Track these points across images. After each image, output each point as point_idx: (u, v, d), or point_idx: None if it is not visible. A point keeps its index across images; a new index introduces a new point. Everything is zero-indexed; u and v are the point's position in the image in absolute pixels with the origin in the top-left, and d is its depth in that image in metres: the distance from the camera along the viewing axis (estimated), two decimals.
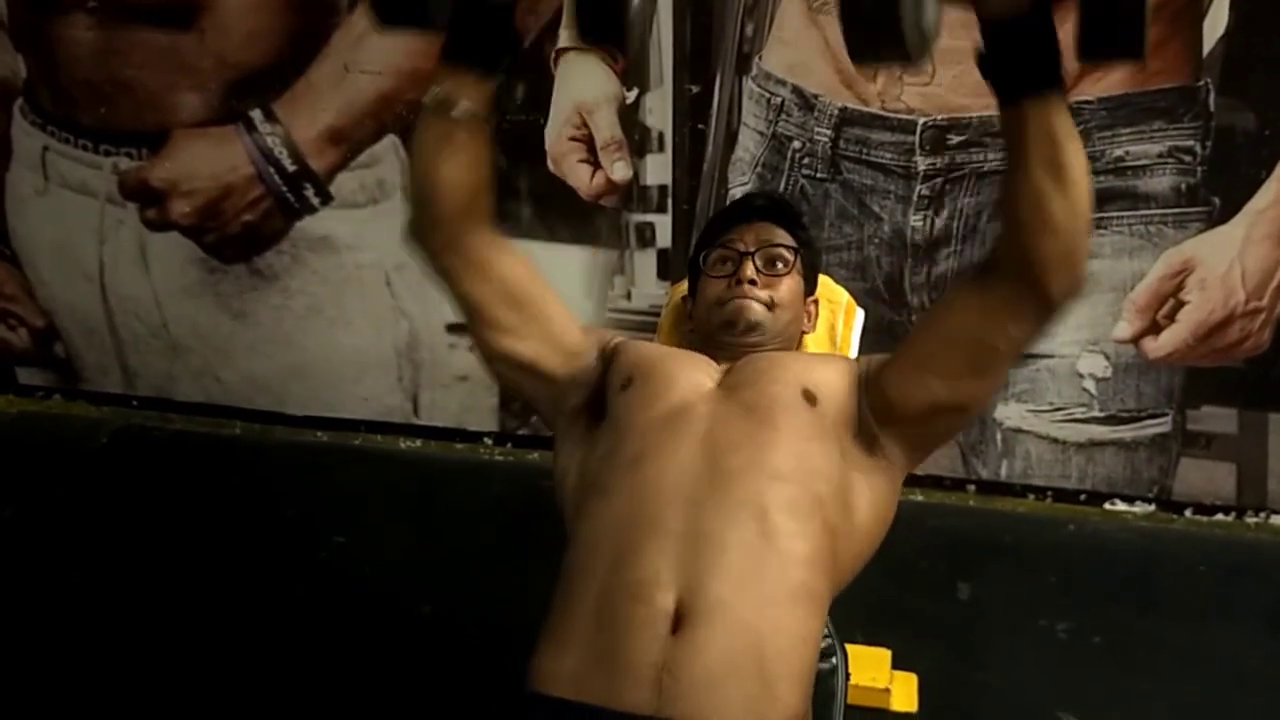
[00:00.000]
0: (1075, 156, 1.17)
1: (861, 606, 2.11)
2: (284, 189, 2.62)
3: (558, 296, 1.48)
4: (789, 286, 1.58)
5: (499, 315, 1.42)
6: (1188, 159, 2.24)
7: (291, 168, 2.60)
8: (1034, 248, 1.20)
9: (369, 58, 2.46)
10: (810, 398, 1.37)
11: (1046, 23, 1.11)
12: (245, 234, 2.70)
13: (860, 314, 1.90)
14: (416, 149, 1.37)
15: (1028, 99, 1.15)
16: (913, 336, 1.39)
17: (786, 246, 1.60)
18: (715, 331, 1.56)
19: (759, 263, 1.56)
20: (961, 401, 1.35)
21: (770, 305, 1.55)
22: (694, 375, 1.43)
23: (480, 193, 1.38)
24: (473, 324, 1.45)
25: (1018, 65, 1.14)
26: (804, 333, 1.68)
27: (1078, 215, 1.19)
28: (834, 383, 1.40)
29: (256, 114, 2.57)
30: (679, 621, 1.19)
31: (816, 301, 1.71)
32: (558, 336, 1.46)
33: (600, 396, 1.44)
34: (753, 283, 1.54)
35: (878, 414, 1.37)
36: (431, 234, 1.39)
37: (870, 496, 1.37)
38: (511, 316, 1.43)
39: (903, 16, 1.05)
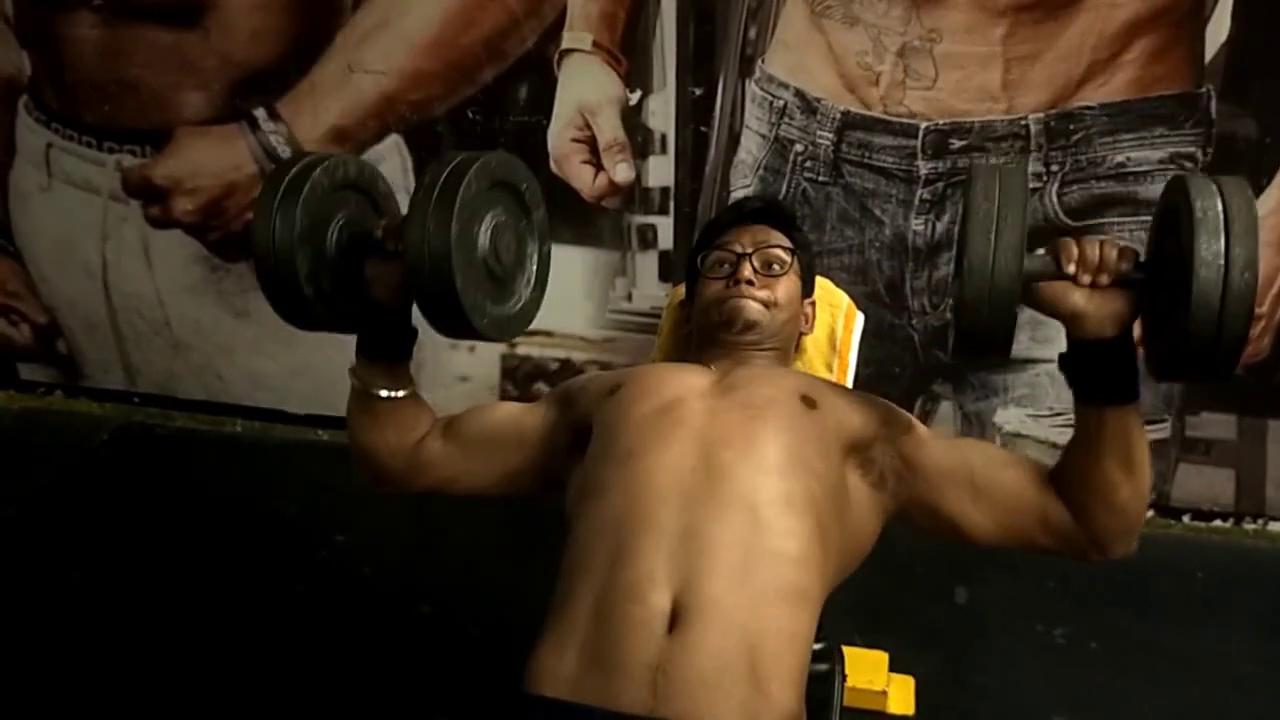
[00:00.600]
0: (1143, 451, 1.28)
1: (859, 609, 2.13)
2: None
3: (493, 412, 1.54)
4: (786, 287, 1.59)
5: (460, 480, 1.51)
6: (1189, 165, 2.24)
7: None
8: (1098, 520, 1.31)
9: (372, 58, 2.47)
10: (809, 402, 1.38)
11: (1129, 343, 1.23)
12: (248, 232, 2.69)
13: (860, 318, 1.90)
14: (349, 423, 1.49)
15: (1109, 407, 1.25)
16: (979, 461, 1.38)
17: (783, 248, 1.61)
18: (713, 331, 1.57)
19: (756, 264, 1.58)
20: (978, 536, 1.38)
21: (767, 305, 1.56)
22: (687, 377, 1.44)
23: (415, 441, 1.49)
24: (449, 494, 1.53)
25: (1101, 379, 1.25)
26: (802, 334, 1.69)
27: (1141, 499, 1.30)
28: (842, 403, 1.41)
29: (260, 113, 2.57)
30: (674, 621, 1.19)
31: (814, 303, 1.72)
32: (511, 443, 1.50)
33: (582, 431, 1.45)
34: (750, 283, 1.55)
35: (897, 472, 1.39)
36: (376, 482, 1.53)
37: (862, 509, 1.38)
38: (470, 468, 1.51)
39: (1012, 338, 1.19)
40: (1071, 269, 1.20)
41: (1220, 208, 1.12)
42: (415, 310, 1.38)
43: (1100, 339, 1.22)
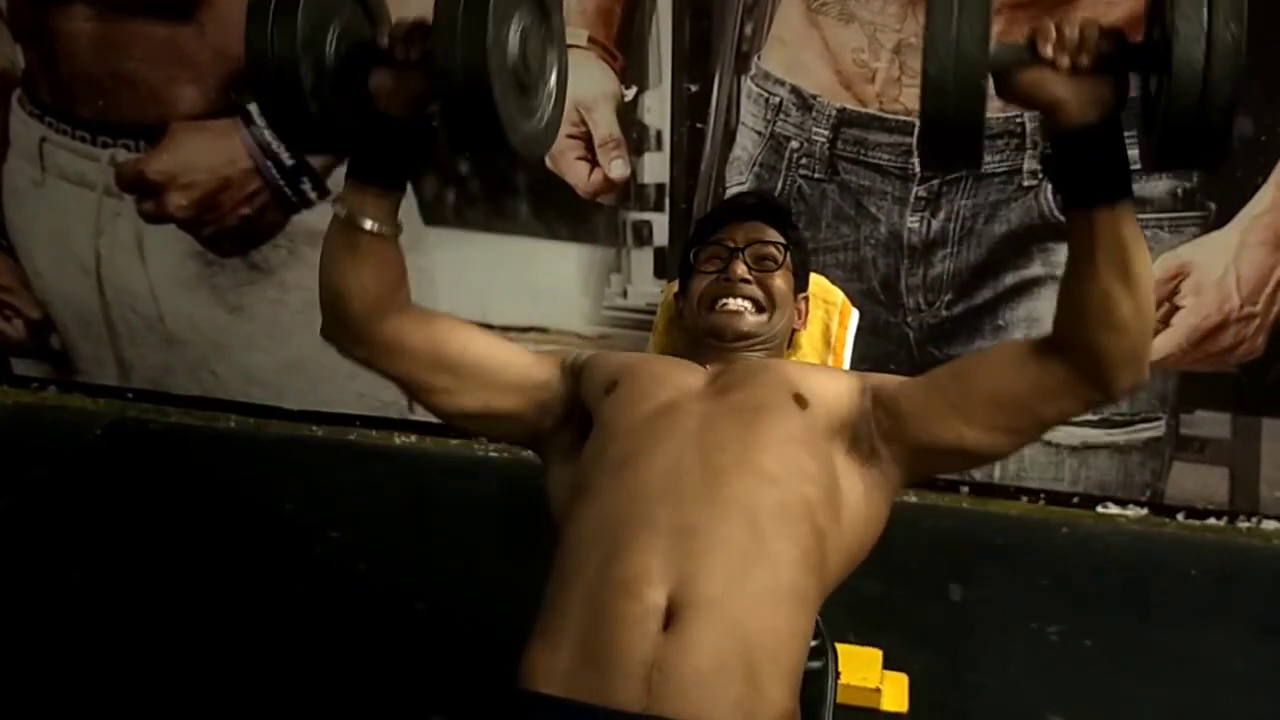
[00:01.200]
0: (1143, 259, 1.18)
1: (853, 607, 2.12)
2: (281, 183, 2.62)
3: (491, 339, 1.47)
4: (779, 284, 1.59)
5: (430, 382, 1.43)
6: None
7: (289, 162, 2.59)
8: (1100, 345, 1.21)
9: None
10: (801, 401, 1.38)
11: (1116, 132, 1.12)
12: (242, 227, 2.70)
13: (855, 315, 1.90)
14: (323, 256, 1.36)
15: (1098, 207, 1.16)
16: (952, 378, 1.36)
17: (776, 244, 1.61)
18: (704, 335, 1.56)
19: (749, 260, 1.58)
20: (987, 451, 1.35)
21: (760, 303, 1.55)
22: (682, 376, 1.44)
23: (389, 293, 1.38)
24: (412, 397, 1.46)
25: (1089, 175, 1.15)
26: (795, 330, 1.69)
27: (1145, 315, 1.20)
28: (829, 391, 1.40)
29: (254, 107, 2.56)
30: (669, 618, 1.19)
31: (807, 299, 1.71)
32: (500, 376, 1.45)
33: (580, 411, 1.44)
34: (744, 280, 1.55)
35: (885, 432, 1.37)
36: (339, 333, 1.40)
37: (861, 501, 1.37)
38: (444, 379, 1.43)
39: (981, 133, 1.08)
40: (1049, 52, 1.11)
41: None
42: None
43: (1085, 127, 1.13)
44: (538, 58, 1.28)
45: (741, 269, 1.56)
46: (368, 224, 1.31)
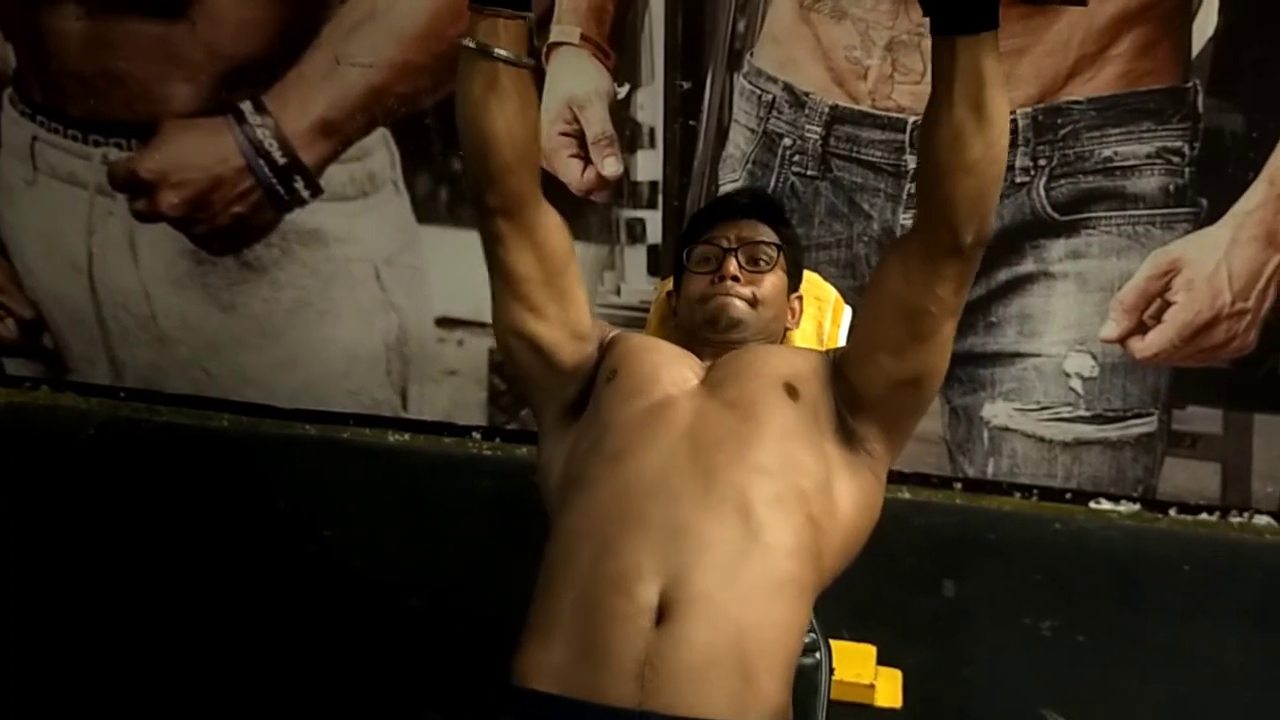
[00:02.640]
0: (998, 97, 1.17)
1: (847, 603, 2.12)
2: (274, 181, 2.61)
3: (581, 277, 1.47)
4: (772, 283, 1.59)
5: (532, 292, 1.41)
6: (1176, 160, 2.25)
7: (281, 160, 2.59)
8: (947, 187, 1.21)
9: (360, 50, 2.46)
10: (792, 392, 1.38)
11: None
12: (235, 226, 2.69)
13: (848, 312, 1.90)
14: (462, 99, 1.31)
15: (961, 36, 1.15)
16: (856, 321, 1.40)
17: (769, 243, 1.61)
18: (698, 328, 1.56)
19: (742, 259, 1.57)
20: (914, 372, 1.35)
21: (753, 301, 1.55)
22: (678, 371, 1.44)
23: (533, 141, 1.35)
24: (505, 295, 1.43)
25: (954, 1, 1.15)
26: (788, 329, 1.69)
27: (993, 156, 1.20)
28: (811, 377, 1.41)
29: (247, 106, 2.56)
30: (661, 614, 1.19)
31: (800, 298, 1.71)
32: (574, 323, 1.46)
33: (589, 388, 1.44)
34: (735, 279, 1.55)
35: (848, 403, 1.39)
36: (490, 190, 1.35)
37: (854, 492, 1.38)
38: (542, 295, 1.42)
39: None
40: None
41: None
42: None
43: None
44: None
45: (734, 268, 1.56)
46: (500, 52, 1.27)
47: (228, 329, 2.82)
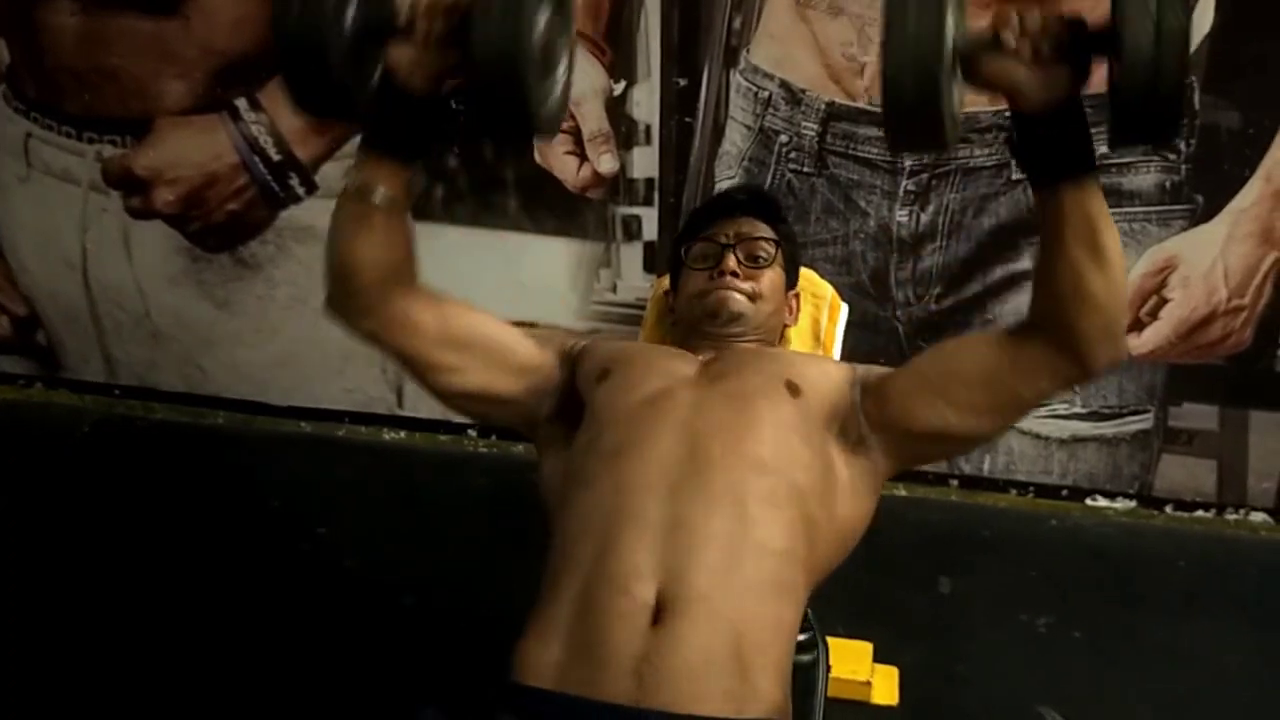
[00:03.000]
0: (1111, 236, 1.21)
1: (843, 600, 2.12)
2: (268, 178, 2.60)
3: (497, 323, 1.47)
4: (770, 279, 1.59)
5: (435, 359, 1.42)
6: (1172, 157, 2.25)
7: (276, 157, 2.58)
8: (1075, 323, 1.24)
9: None
10: (793, 389, 1.38)
11: (1077, 112, 1.16)
12: (229, 223, 2.69)
13: (845, 309, 1.90)
14: (332, 228, 1.36)
15: (1064, 185, 1.19)
16: (932, 362, 1.39)
17: (767, 240, 1.61)
18: (697, 323, 1.56)
19: (740, 256, 1.57)
20: (971, 434, 1.37)
21: (752, 297, 1.55)
22: (674, 365, 1.44)
23: (399, 267, 1.37)
24: (414, 374, 1.44)
25: (1053, 154, 1.19)
26: (786, 326, 1.69)
27: (1116, 291, 1.23)
28: (820, 379, 1.41)
29: (241, 102, 2.55)
30: (659, 613, 1.19)
31: (798, 295, 1.71)
32: (503, 359, 1.45)
33: (573, 399, 1.44)
34: (734, 275, 1.55)
35: (872, 420, 1.38)
36: (346, 306, 1.39)
37: (851, 490, 1.38)
38: (449, 358, 1.42)
39: (944, 113, 1.12)
40: (1011, 39, 1.15)
41: None
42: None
43: (1046, 110, 1.16)
44: (554, 43, 1.29)
45: (733, 264, 1.56)
46: (379, 196, 1.30)
47: (222, 326, 2.81)
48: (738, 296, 1.54)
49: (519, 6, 1.16)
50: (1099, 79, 1.18)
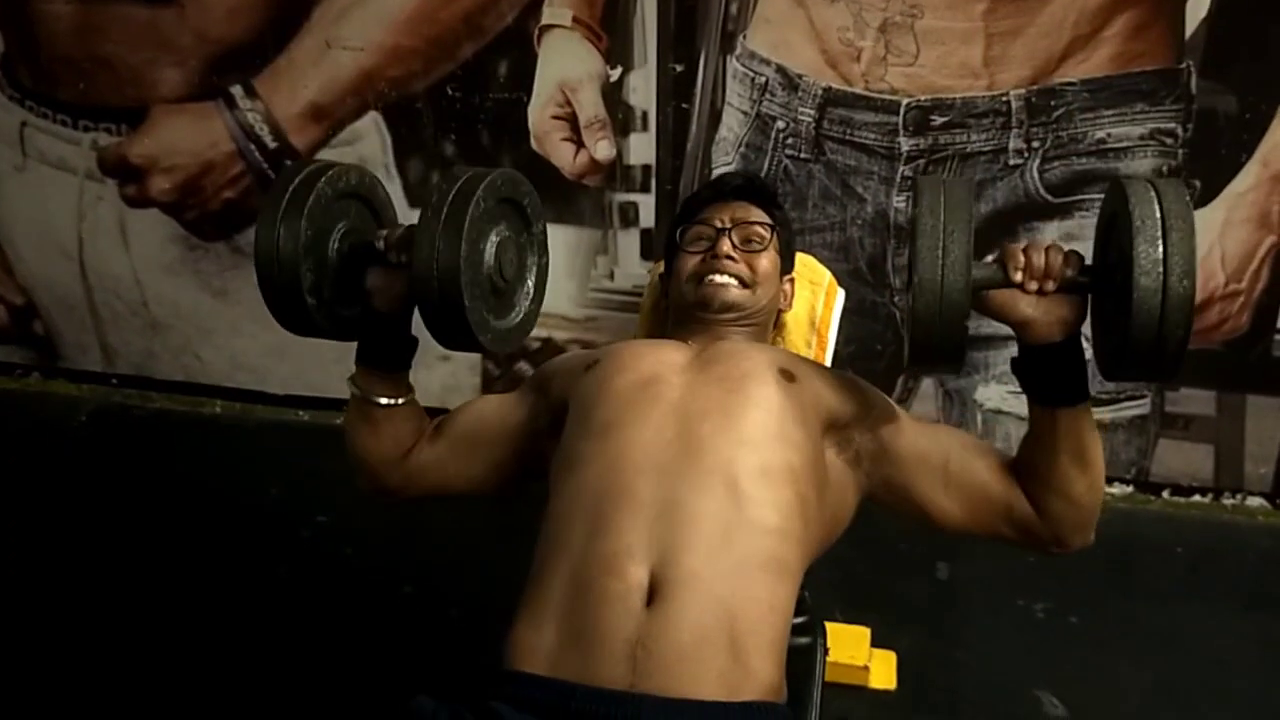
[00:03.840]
0: (1096, 449, 1.31)
1: (841, 585, 2.14)
2: (265, 166, 2.60)
3: (488, 415, 1.53)
4: (765, 263, 1.58)
5: (461, 484, 1.52)
6: (1169, 141, 2.25)
7: (272, 144, 2.58)
8: (1056, 513, 1.34)
9: (350, 34, 2.45)
10: (788, 375, 1.38)
11: (1077, 347, 1.26)
12: (226, 211, 2.68)
13: (841, 294, 1.90)
14: (346, 427, 1.50)
15: (1060, 408, 1.28)
16: (952, 452, 1.40)
17: (762, 224, 1.60)
18: (690, 308, 1.56)
19: (735, 239, 1.57)
20: (944, 521, 1.40)
21: (746, 281, 1.55)
22: (665, 353, 1.44)
23: (407, 449, 1.49)
24: (464, 494, 1.53)
25: (1052, 382, 1.28)
26: (781, 311, 1.69)
27: (1095, 491, 1.33)
28: (819, 378, 1.42)
29: (237, 90, 2.55)
30: (652, 594, 1.19)
31: (793, 279, 1.71)
32: (509, 443, 1.50)
33: (560, 407, 1.45)
34: (729, 259, 1.55)
35: (871, 455, 1.40)
36: (372, 488, 1.53)
37: (841, 476, 1.38)
38: (466, 477, 1.52)
39: (965, 342, 1.22)
40: (1019, 277, 1.23)
41: (1158, 215, 1.15)
42: (416, 318, 1.39)
43: (1050, 343, 1.25)
44: (514, 264, 1.41)
45: (728, 247, 1.55)
46: (380, 400, 1.44)
47: (220, 315, 2.81)
48: (731, 287, 1.54)
49: (455, 238, 1.26)
50: (1101, 59, 1.18)
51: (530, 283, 1.47)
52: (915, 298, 1.20)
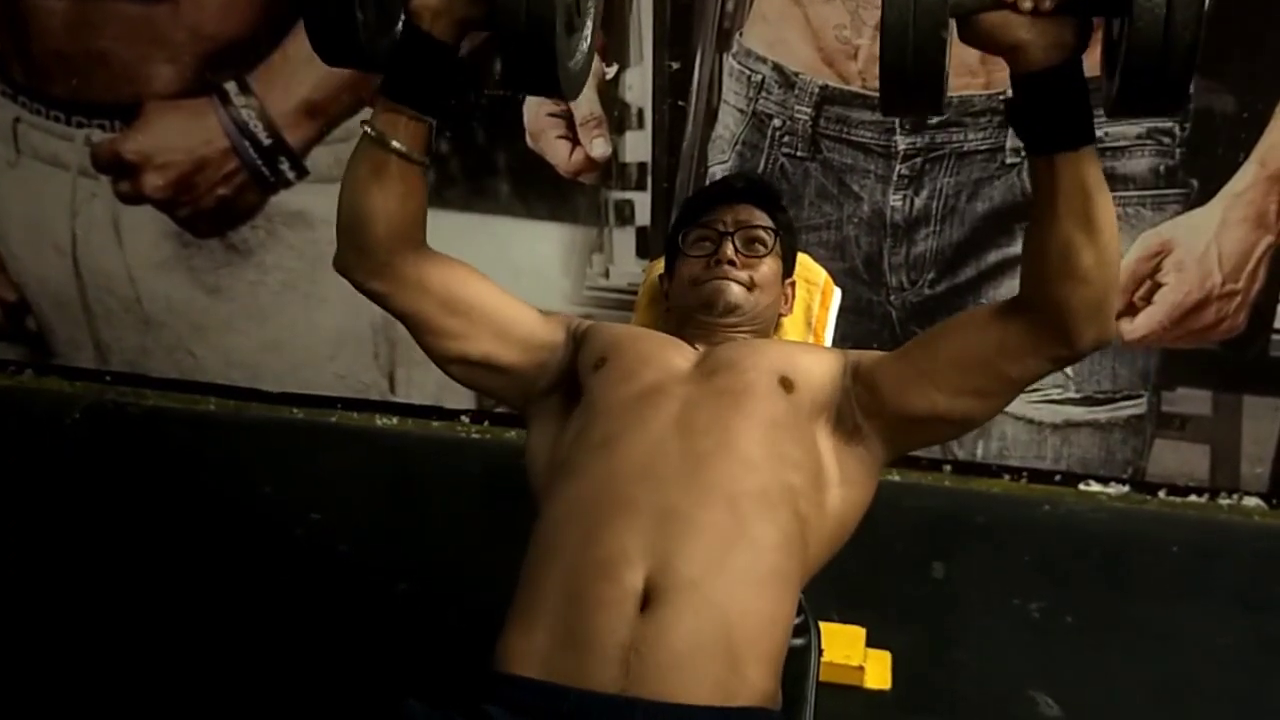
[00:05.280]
0: (1106, 208, 1.17)
1: (836, 585, 2.11)
2: (259, 163, 2.59)
3: (503, 292, 1.46)
4: (767, 269, 1.57)
5: (441, 324, 1.41)
6: (1166, 141, 2.24)
7: (266, 141, 2.57)
8: (1064, 298, 1.20)
9: None
10: (787, 384, 1.37)
11: (1078, 76, 1.12)
12: (219, 208, 2.67)
13: (838, 294, 1.89)
14: (347, 177, 1.33)
15: (1061, 152, 1.15)
16: (920, 345, 1.37)
17: (766, 228, 1.59)
18: (693, 312, 1.55)
19: (738, 243, 1.56)
20: (962, 416, 1.34)
21: (749, 286, 1.54)
22: (669, 357, 1.42)
23: (411, 224, 1.36)
24: (417, 336, 1.43)
25: (1051, 119, 1.14)
26: (781, 315, 1.68)
27: (1108, 265, 1.19)
28: (814, 371, 1.39)
29: (231, 86, 2.54)
30: (647, 601, 1.18)
31: (794, 284, 1.70)
32: (509, 329, 1.44)
33: (573, 379, 1.43)
34: (732, 263, 1.53)
35: (865, 407, 1.37)
36: (357, 263, 1.37)
37: (845, 485, 1.36)
38: (455, 323, 1.41)
39: (944, 72, 1.10)
40: None
41: None
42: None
43: (1047, 70, 1.11)
44: (581, 1, 1.28)
45: (731, 251, 1.54)
46: (398, 145, 1.28)
47: (213, 312, 2.80)
48: (734, 287, 1.53)
49: None
50: (1096, 61, 1.16)
51: (589, 27, 1.31)
52: (884, 21, 1.07)
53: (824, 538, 1.34)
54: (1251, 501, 2.51)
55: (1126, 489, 2.55)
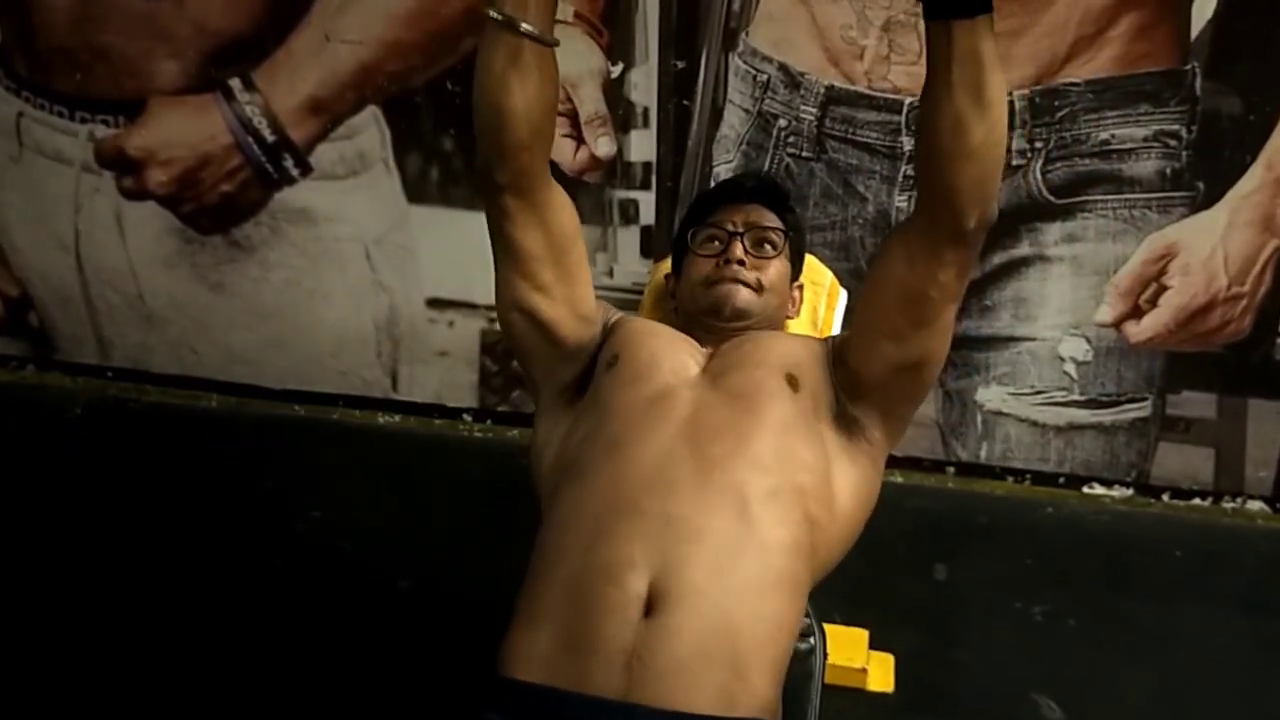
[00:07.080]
0: (997, 80, 1.17)
1: (840, 587, 2.10)
2: (263, 159, 2.59)
3: (585, 258, 1.46)
4: (776, 270, 1.57)
5: (538, 270, 1.39)
6: (1173, 143, 2.24)
7: (270, 138, 2.57)
8: (950, 173, 1.21)
9: (350, 27, 2.43)
10: (793, 383, 1.37)
11: None
12: (223, 204, 2.67)
13: (844, 295, 1.89)
14: (482, 72, 1.27)
15: (957, 20, 1.14)
16: (859, 306, 1.39)
17: (776, 230, 1.59)
18: (701, 314, 1.54)
19: (748, 244, 1.55)
20: (915, 358, 1.35)
21: (758, 287, 1.53)
22: (678, 358, 1.42)
23: (549, 119, 1.32)
24: (510, 271, 1.40)
25: None
26: (788, 317, 1.67)
27: (994, 139, 1.19)
28: (811, 364, 1.40)
29: (235, 83, 2.53)
30: (651, 606, 1.18)
31: (801, 286, 1.70)
32: (578, 302, 1.44)
33: (591, 370, 1.43)
34: (741, 263, 1.53)
35: (848, 390, 1.38)
36: (501, 166, 1.31)
37: (852, 484, 1.37)
38: (548, 273, 1.40)
39: None
40: None
41: None
42: None
43: None
44: None
45: (740, 252, 1.54)
46: (528, 27, 1.23)
47: (216, 309, 2.80)
48: (742, 291, 1.52)
49: None
50: (1106, 60, 1.15)
51: None
52: None
53: (833, 539, 1.34)
54: (1255, 505, 2.51)
55: (1130, 492, 2.54)
